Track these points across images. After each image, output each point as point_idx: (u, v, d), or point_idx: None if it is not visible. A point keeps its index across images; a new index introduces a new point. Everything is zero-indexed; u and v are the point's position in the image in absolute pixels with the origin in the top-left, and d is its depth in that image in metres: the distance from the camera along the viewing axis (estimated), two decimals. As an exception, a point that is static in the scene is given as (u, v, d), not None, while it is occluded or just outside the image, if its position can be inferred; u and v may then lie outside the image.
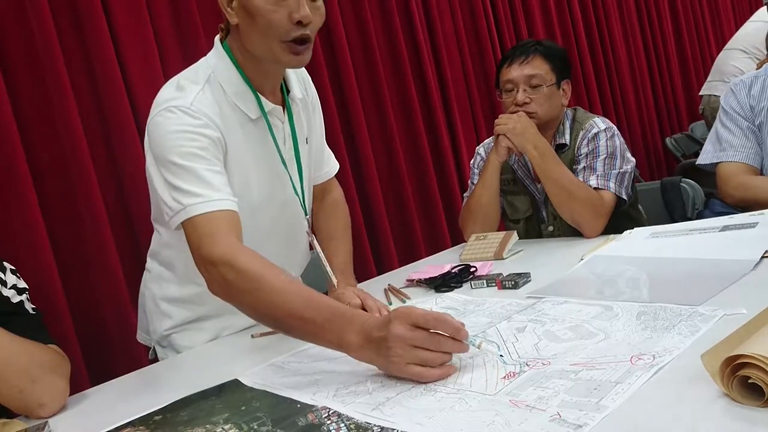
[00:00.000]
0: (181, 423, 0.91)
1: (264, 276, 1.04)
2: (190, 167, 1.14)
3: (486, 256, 1.60)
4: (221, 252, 1.07)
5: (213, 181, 1.14)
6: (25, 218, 1.70)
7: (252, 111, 1.25)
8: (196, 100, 1.18)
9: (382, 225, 2.66)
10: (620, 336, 0.92)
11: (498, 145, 1.74)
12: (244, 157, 1.25)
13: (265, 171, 1.29)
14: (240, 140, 1.24)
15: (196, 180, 1.13)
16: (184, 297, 1.38)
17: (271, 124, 1.27)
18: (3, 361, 1.01)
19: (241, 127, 1.24)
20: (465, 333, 0.90)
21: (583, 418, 0.70)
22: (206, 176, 1.14)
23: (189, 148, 1.14)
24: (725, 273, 1.09)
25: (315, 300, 1.01)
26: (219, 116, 1.20)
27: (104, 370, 1.72)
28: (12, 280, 1.13)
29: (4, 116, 1.69)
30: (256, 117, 1.25)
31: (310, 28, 1.16)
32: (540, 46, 1.79)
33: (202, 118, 1.16)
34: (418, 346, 0.88)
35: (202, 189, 1.13)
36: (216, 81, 1.23)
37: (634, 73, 4.28)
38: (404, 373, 0.89)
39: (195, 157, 1.15)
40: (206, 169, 1.15)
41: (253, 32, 1.17)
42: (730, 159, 1.69)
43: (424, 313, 0.90)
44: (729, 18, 5.49)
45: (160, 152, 1.17)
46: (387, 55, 2.81)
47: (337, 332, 0.96)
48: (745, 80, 1.73)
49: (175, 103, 1.17)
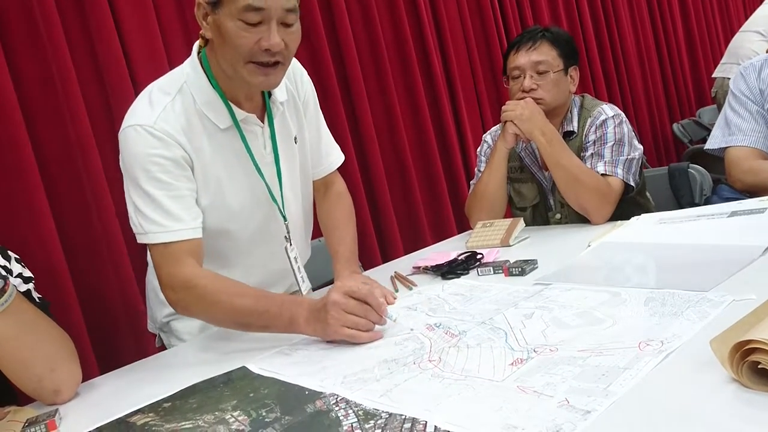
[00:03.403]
0: (189, 410, 0.92)
1: (221, 292, 1.17)
2: (152, 194, 1.18)
3: (492, 243, 1.59)
4: (181, 279, 1.18)
5: (173, 210, 1.19)
6: (33, 208, 1.71)
7: (221, 121, 1.24)
8: (160, 119, 1.19)
9: (387, 213, 2.66)
10: (628, 322, 0.92)
11: (505, 131, 1.73)
12: (215, 167, 1.25)
13: (239, 178, 1.29)
14: (209, 150, 1.24)
15: (158, 209, 1.19)
16: None
17: (243, 133, 1.27)
18: (30, 345, 1.02)
19: (210, 137, 1.24)
20: (386, 309, 1.10)
21: (591, 404, 0.70)
22: (167, 205, 1.19)
23: (152, 172, 1.18)
24: (734, 259, 1.09)
25: (268, 296, 1.19)
26: (185, 129, 1.21)
27: (113, 358, 1.73)
28: (18, 269, 1.13)
29: (11, 107, 1.69)
30: (226, 127, 1.25)
31: (282, 54, 1.16)
32: (547, 33, 1.77)
33: (164, 138, 1.18)
34: (350, 312, 1.06)
35: (163, 219, 1.19)
36: (188, 90, 1.23)
37: (642, 58, 4.24)
38: (339, 335, 1.06)
39: (157, 183, 1.18)
40: (168, 196, 1.19)
41: (223, 51, 1.17)
42: (739, 144, 1.67)
43: (358, 285, 1.10)
44: (737, 1, 5.43)
45: (126, 169, 1.22)
46: (392, 43, 2.80)
47: (288, 315, 1.12)
48: (755, 64, 1.71)
49: (140, 121, 1.19)
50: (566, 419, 0.68)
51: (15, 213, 1.70)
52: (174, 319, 1.44)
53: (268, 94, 1.30)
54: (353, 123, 2.62)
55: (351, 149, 2.55)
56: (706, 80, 4.63)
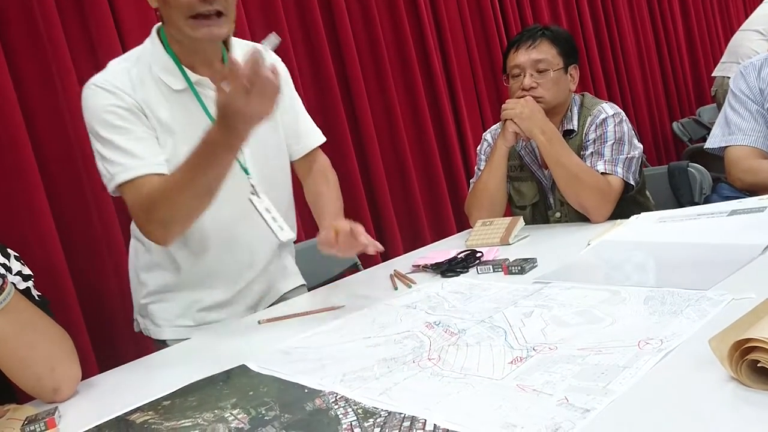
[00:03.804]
0: (189, 408, 0.92)
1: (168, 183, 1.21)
2: (111, 140, 1.26)
3: (492, 241, 1.60)
4: (140, 205, 1.24)
5: (133, 150, 1.26)
6: (32, 206, 1.71)
7: (176, 83, 1.31)
8: (110, 74, 1.29)
9: (387, 211, 2.66)
10: (628, 321, 0.92)
11: (505, 130, 1.73)
12: (171, 127, 1.31)
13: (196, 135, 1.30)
14: (165, 112, 1.31)
15: (117, 151, 1.26)
16: (153, 262, 1.44)
17: (199, 95, 1.33)
18: (29, 343, 1.02)
19: (166, 100, 1.31)
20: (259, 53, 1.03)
21: (590, 402, 0.70)
22: (126, 147, 1.26)
23: (108, 121, 1.26)
24: (734, 257, 1.09)
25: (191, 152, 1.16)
26: (137, 89, 1.29)
27: (112, 356, 1.73)
28: (17, 266, 1.13)
29: (10, 105, 1.69)
30: (181, 88, 1.32)
31: (220, 4, 1.23)
32: (547, 31, 1.77)
33: (115, 91, 1.27)
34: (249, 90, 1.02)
35: (124, 159, 1.25)
36: (145, 60, 1.32)
37: (642, 57, 4.24)
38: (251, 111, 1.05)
39: (114, 129, 1.26)
40: (126, 139, 1.26)
41: (168, 14, 1.25)
42: (738, 143, 1.67)
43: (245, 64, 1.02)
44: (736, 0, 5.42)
45: (88, 127, 1.30)
46: (392, 42, 2.80)
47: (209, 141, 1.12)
48: (755, 63, 1.71)
49: (93, 80, 1.29)
50: (565, 417, 0.68)
51: (15, 211, 1.70)
52: (151, 302, 1.46)
53: None
54: (353, 122, 2.62)
55: (351, 148, 2.55)
56: (706, 79, 4.63)
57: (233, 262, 1.43)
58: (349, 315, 1.23)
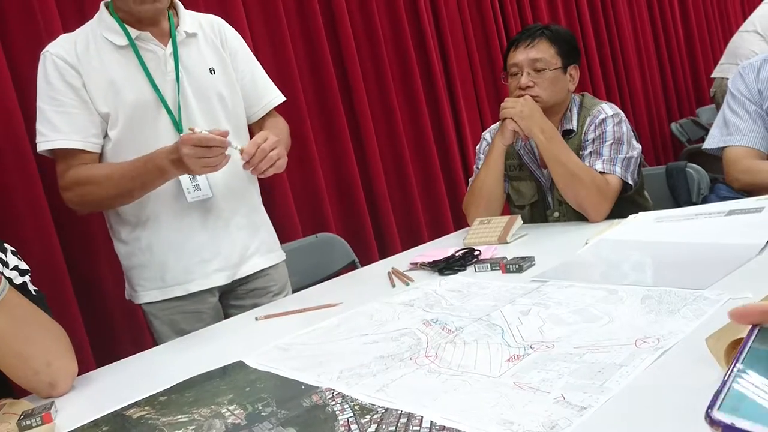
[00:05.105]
0: (186, 404, 0.92)
1: (100, 173, 1.39)
2: (43, 109, 1.41)
3: (490, 240, 1.60)
4: (71, 178, 1.40)
5: (55, 122, 1.39)
6: (30, 201, 1.71)
7: (118, 39, 1.43)
8: (57, 44, 1.43)
9: (385, 209, 2.66)
10: (625, 319, 0.92)
11: (504, 128, 1.73)
12: (113, 83, 1.42)
13: (135, 90, 1.44)
14: (107, 70, 1.42)
15: (44, 121, 1.41)
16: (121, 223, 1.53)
17: (140, 51, 1.44)
18: (26, 338, 1.02)
19: (107, 59, 1.43)
20: (228, 142, 1.28)
21: (587, 400, 0.70)
22: (51, 118, 1.40)
23: (44, 90, 1.41)
24: (731, 257, 1.09)
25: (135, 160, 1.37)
26: (80, 53, 1.41)
27: (109, 351, 1.73)
28: (14, 261, 1.13)
29: (9, 99, 1.69)
30: (124, 44, 1.43)
31: None
32: (547, 30, 1.77)
33: (57, 62, 1.40)
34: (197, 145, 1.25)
35: (46, 129, 1.40)
36: (92, 24, 1.47)
37: (641, 58, 4.24)
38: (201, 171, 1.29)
39: (49, 100, 1.40)
40: (53, 111, 1.39)
41: None
42: (737, 143, 1.67)
43: (200, 136, 1.25)
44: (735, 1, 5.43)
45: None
46: (391, 40, 2.79)
47: (155, 167, 1.33)
48: (754, 63, 1.71)
49: (45, 49, 1.42)
50: (562, 415, 0.68)
51: (12, 206, 1.70)
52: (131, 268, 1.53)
53: (175, 25, 1.49)
54: (352, 121, 2.62)
55: (350, 147, 2.56)
56: (704, 80, 4.63)
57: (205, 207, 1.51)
58: (347, 312, 1.23)
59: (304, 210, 2.39)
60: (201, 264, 1.50)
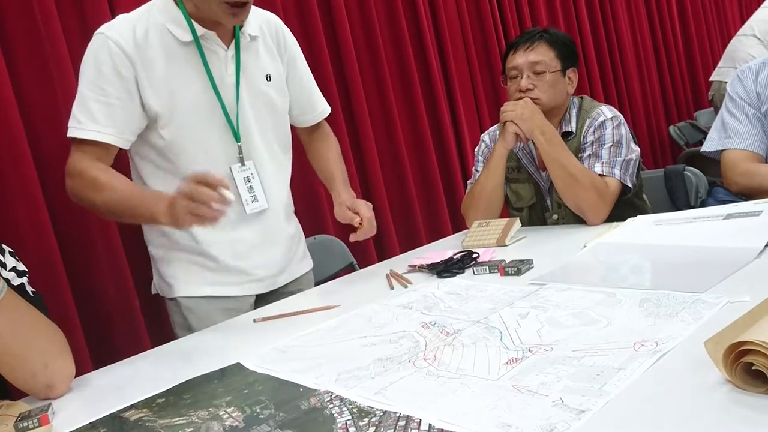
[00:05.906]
0: (184, 406, 0.92)
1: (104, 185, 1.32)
2: (84, 94, 1.34)
3: (488, 242, 1.60)
4: (78, 168, 1.34)
5: (94, 112, 1.33)
6: (28, 201, 1.70)
7: (183, 35, 1.36)
8: (114, 28, 1.34)
9: (383, 211, 2.66)
10: (623, 322, 0.92)
11: (505, 132, 1.73)
12: (170, 79, 1.36)
13: (193, 91, 1.39)
14: (166, 64, 1.36)
15: (82, 107, 1.34)
16: None
17: (204, 51, 1.38)
18: (23, 340, 1.02)
19: (168, 53, 1.36)
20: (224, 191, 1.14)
21: (585, 403, 0.70)
22: (91, 107, 1.33)
23: (92, 77, 1.33)
24: (729, 261, 1.09)
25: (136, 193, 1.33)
26: (140, 44, 1.33)
27: (107, 353, 1.72)
28: (11, 262, 1.13)
29: (7, 101, 1.69)
30: (188, 41, 1.37)
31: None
32: (546, 34, 1.78)
33: (113, 48, 1.32)
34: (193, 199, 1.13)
35: (83, 116, 1.33)
36: (155, 11, 1.38)
37: (640, 61, 4.25)
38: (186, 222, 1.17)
39: (92, 86, 1.33)
40: (95, 99, 1.33)
41: None
42: (735, 146, 1.68)
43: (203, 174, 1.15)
44: (733, 4, 5.44)
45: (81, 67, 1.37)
46: (390, 42, 2.79)
47: (148, 210, 1.26)
48: (753, 67, 1.71)
49: (103, 29, 1.35)
50: (560, 418, 0.68)
51: (10, 207, 1.69)
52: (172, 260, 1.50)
53: (239, 26, 1.43)
54: (351, 123, 2.62)
55: (348, 148, 2.55)
56: (703, 83, 4.64)
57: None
58: (345, 314, 1.23)
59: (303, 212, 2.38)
60: (252, 269, 1.51)
